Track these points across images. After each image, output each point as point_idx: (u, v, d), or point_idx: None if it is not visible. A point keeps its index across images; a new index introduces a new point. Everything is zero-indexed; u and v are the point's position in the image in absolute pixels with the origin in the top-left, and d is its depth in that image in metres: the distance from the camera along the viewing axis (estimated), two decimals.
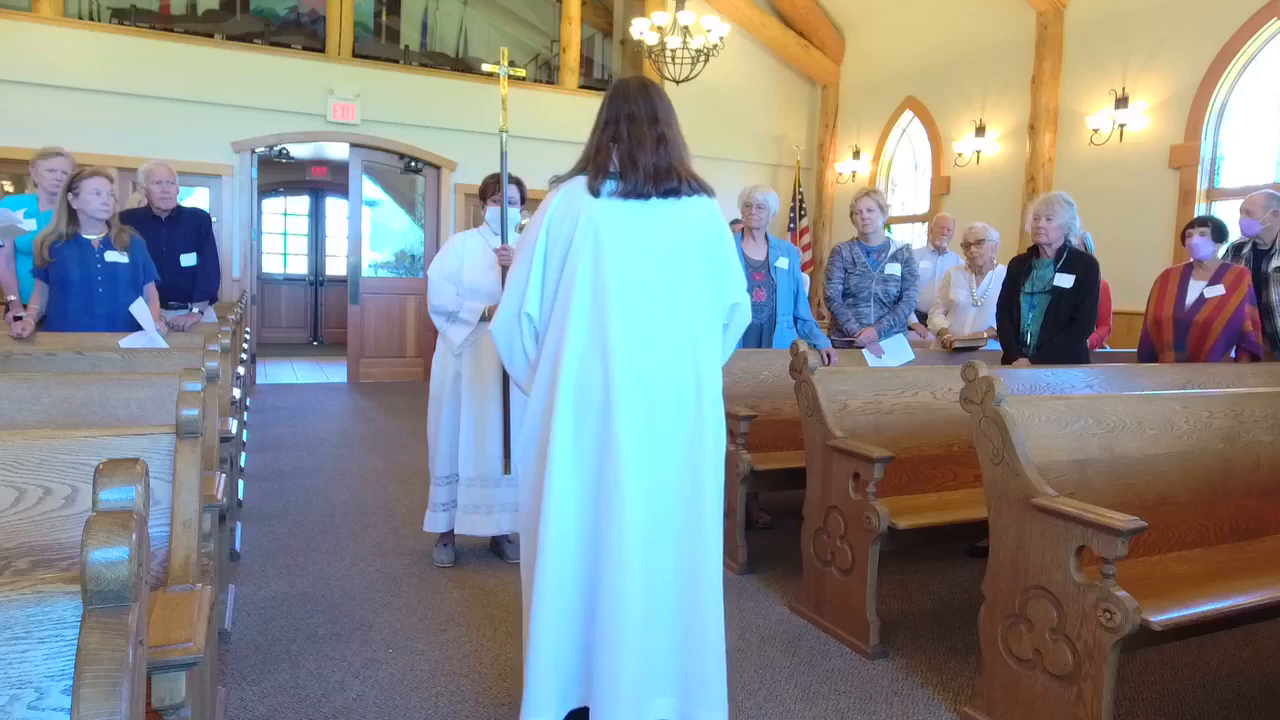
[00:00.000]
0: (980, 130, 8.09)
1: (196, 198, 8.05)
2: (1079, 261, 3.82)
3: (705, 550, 2.03)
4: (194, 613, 1.45)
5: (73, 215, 3.58)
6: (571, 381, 1.98)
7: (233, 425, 3.02)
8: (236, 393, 3.48)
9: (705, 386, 2.05)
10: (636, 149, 2.03)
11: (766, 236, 4.23)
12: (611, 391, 1.96)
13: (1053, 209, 3.78)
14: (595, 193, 2.02)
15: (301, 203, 12.99)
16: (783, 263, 4.19)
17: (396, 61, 9.46)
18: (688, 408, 2.03)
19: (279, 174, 12.12)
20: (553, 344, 2.03)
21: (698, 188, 2.09)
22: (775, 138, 10.46)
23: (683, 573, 2.02)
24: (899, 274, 4.29)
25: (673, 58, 7.54)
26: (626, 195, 2.03)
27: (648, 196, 2.04)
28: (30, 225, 3.93)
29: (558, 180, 2.12)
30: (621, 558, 1.94)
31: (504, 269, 3.37)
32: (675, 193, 2.06)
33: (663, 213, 2.05)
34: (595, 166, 2.06)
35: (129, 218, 4.27)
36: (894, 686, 2.58)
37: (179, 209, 4.59)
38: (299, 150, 10.91)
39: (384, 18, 10.10)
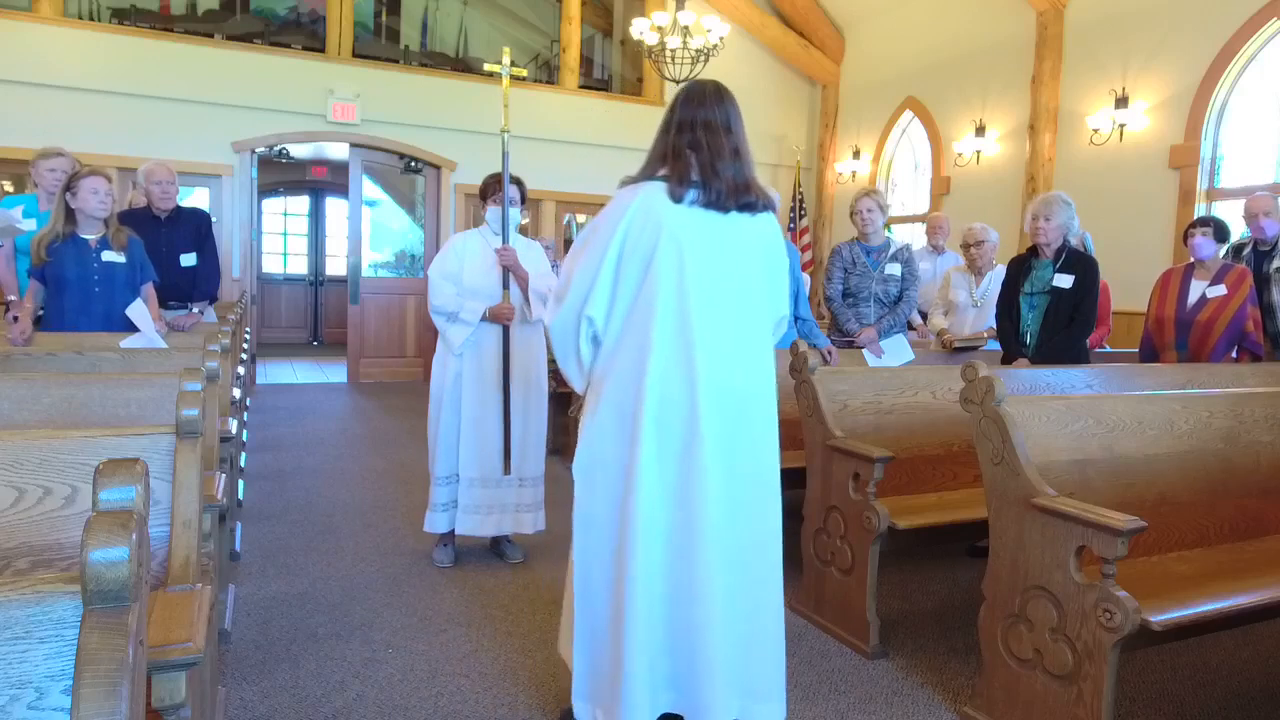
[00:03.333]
0: (980, 130, 8.08)
1: (196, 198, 8.05)
2: (1078, 262, 3.81)
3: (770, 555, 2.08)
4: (194, 613, 1.45)
5: (70, 215, 3.59)
6: (655, 397, 1.96)
7: (233, 425, 3.02)
8: (236, 393, 3.48)
9: (771, 398, 2.10)
10: (716, 159, 2.02)
11: None
12: (696, 408, 1.97)
13: (1051, 209, 3.78)
14: (677, 199, 1.99)
15: (301, 203, 12.98)
16: None
17: (396, 61, 9.46)
18: (759, 420, 2.06)
19: (279, 174, 12.12)
20: (634, 356, 1.99)
21: (766, 203, 2.11)
22: (775, 138, 10.45)
23: (753, 580, 2.05)
24: (899, 274, 4.29)
25: (672, 58, 7.53)
26: (708, 206, 2.01)
27: (727, 210, 2.03)
28: (30, 225, 3.92)
29: (629, 181, 2.08)
30: (707, 571, 1.96)
31: (504, 269, 3.37)
32: (751, 208, 2.07)
33: (738, 227, 2.06)
34: (677, 174, 2.01)
35: (129, 218, 4.27)
36: (894, 686, 2.58)
37: (179, 209, 4.59)
38: (299, 150, 10.91)
39: (384, 18, 10.10)
